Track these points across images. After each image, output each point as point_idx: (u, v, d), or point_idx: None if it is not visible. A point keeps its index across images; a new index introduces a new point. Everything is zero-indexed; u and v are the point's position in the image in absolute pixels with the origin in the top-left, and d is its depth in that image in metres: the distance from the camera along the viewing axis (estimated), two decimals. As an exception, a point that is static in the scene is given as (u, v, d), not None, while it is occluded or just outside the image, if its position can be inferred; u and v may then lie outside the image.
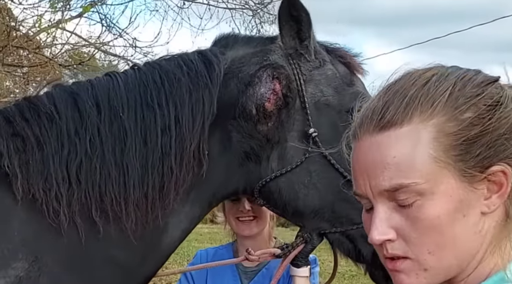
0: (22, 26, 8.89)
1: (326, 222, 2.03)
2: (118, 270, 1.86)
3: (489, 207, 1.01)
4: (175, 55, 2.05)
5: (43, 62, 9.12)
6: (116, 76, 1.95)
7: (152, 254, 1.93)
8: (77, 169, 1.80)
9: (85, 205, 1.79)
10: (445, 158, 1.00)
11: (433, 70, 1.07)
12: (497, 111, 1.01)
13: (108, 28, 8.94)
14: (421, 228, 1.00)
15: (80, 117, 1.85)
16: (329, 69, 2.10)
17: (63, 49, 9.59)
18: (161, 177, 1.85)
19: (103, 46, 9.39)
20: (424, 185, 1.00)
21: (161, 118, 1.87)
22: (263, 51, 2.06)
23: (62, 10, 8.47)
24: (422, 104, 1.02)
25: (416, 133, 1.01)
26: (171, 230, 1.94)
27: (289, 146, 1.99)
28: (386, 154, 1.02)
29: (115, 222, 1.81)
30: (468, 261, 1.03)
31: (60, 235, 1.76)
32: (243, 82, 1.99)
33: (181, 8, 9.75)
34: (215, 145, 1.96)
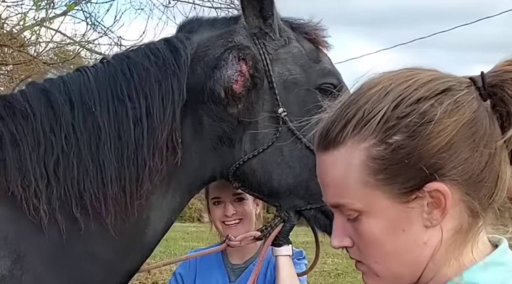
0: (6, 24, 8.81)
1: (301, 200, 2.06)
2: (101, 265, 1.87)
3: (431, 222, 1.04)
4: (142, 45, 2.05)
5: (27, 60, 9.04)
6: (86, 70, 1.96)
7: (135, 248, 1.94)
8: (55, 166, 1.81)
9: (65, 202, 1.80)
10: (374, 181, 1.03)
11: (383, 82, 1.07)
12: (427, 130, 1.01)
13: (93, 27, 8.89)
14: (364, 241, 1.07)
15: (54, 114, 1.86)
16: (295, 46, 2.11)
17: (48, 47, 9.52)
18: (136, 170, 1.86)
19: (88, 44, 9.33)
20: (358, 205, 1.05)
21: (132, 111, 1.88)
22: (227, 32, 2.06)
23: (46, 8, 8.40)
24: (356, 126, 1.05)
25: (349, 156, 1.05)
26: (153, 223, 1.95)
27: (260, 127, 2.01)
28: (327, 173, 1.09)
29: (95, 218, 1.82)
30: (420, 268, 1.06)
31: (41, 232, 1.76)
32: (210, 66, 1.99)
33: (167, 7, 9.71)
34: (188, 131, 1.97)
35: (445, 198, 1.02)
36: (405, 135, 1.02)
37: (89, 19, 8.84)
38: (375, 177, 1.03)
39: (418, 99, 1.03)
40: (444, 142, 1.01)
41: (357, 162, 1.04)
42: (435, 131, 1.01)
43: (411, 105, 1.03)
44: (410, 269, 1.07)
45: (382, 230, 1.04)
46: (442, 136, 1.01)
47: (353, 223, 1.07)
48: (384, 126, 1.03)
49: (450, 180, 1.02)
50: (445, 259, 1.06)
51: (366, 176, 1.03)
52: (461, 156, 1.02)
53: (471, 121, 1.03)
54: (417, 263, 1.06)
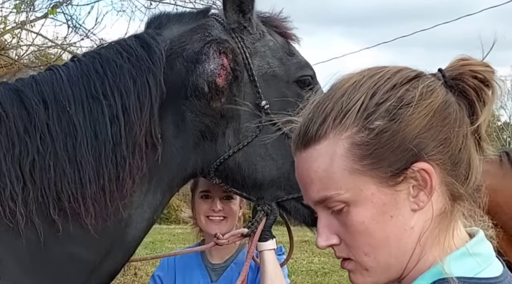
0: (-14, 27, 8.70)
1: (282, 190, 2.08)
2: (82, 267, 1.84)
3: (418, 204, 1.05)
4: (113, 42, 2.03)
5: (8, 64, 8.95)
6: (58, 69, 1.93)
7: (117, 248, 1.92)
8: (31, 168, 1.77)
9: (42, 204, 1.77)
10: (360, 167, 1.05)
11: (355, 77, 1.11)
12: (407, 112, 1.04)
13: (75, 29, 8.83)
14: (352, 232, 1.07)
15: (28, 114, 1.82)
16: (270, 40, 2.13)
17: (29, 50, 9.43)
18: (115, 168, 1.84)
19: (70, 47, 9.26)
20: (346, 195, 1.06)
21: (108, 108, 1.86)
22: (201, 26, 2.07)
23: (26, 11, 8.32)
24: (336, 118, 1.07)
25: (332, 147, 1.06)
26: (135, 222, 1.93)
27: (243, 120, 2.02)
28: (310, 169, 1.09)
29: (74, 219, 1.79)
30: (406, 256, 1.07)
31: (18, 236, 1.73)
32: (190, 61, 1.99)
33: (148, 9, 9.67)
34: (169, 128, 1.96)
35: (431, 178, 1.03)
36: (386, 119, 1.04)
37: (70, 21, 8.78)
38: (361, 163, 1.04)
39: (393, 85, 1.07)
40: (424, 123, 1.04)
41: (341, 151, 1.06)
42: (415, 112, 1.04)
43: (388, 92, 1.06)
44: (397, 260, 1.07)
45: (371, 218, 1.05)
46: (422, 116, 1.04)
47: (339, 217, 1.08)
48: (364, 113, 1.05)
49: (432, 160, 1.04)
50: (429, 244, 1.06)
51: (352, 163, 1.05)
52: (440, 136, 1.05)
53: (445, 103, 1.07)
54: (404, 251, 1.06)
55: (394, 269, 1.08)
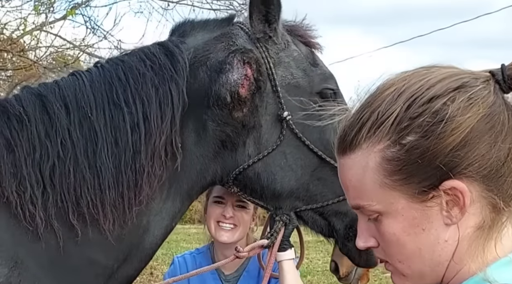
0: (5, 29, 8.83)
1: (300, 201, 2.07)
2: (100, 272, 1.86)
3: (451, 220, 1.04)
4: (137, 49, 2.03)
5: (27, 65, 9.06)
6: (81, 75, 1.94)
7: (134, 254, 1.93)
8: (51, 172, 1.79)
9: (61, 209, 1.78)
10: (390, 182, 1.05)
11: (396, 83, 1.08)
12: (440, 129, 1.01)
13: (93, 30, 8.91)
14: (385, 241, 1.08)
15: (49, 119, 1.84)
16: (295, 50, 2.12)
17: (48, 51, 9.54)
18: (134, 176, 1.84)
19: (88, 48, 9.34)
20: (377, 206, 1.06)
21: (129, 116, 1.87)
22: (226, 35, 2.06)
23: (45, 13, 8.43)
24: (371, 129, 1.06)
25: (365, 158, 1.07)
26: (153, 229, 1.94)
27: (264, 130, 2.02)
28: (346, 177, 1.11)
29: (93, 224, 1.81)
30: (441, 267, 1.07)
31: (38, 239, 1.75)
32: (214, 70, 1.98)
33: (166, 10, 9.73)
34: (190, 136, 1.97)
35: (463, 196, 1.02)
36: (418, 135, 1.02)
37: (88, 23, 8.87)
38: (391, 178, 1.04)
39: (430, 98, 1.03)
40: (459, 140, 1.01)
41: (372, 165, 1.05)
42: (448, 130, 1.01)
43: (423, 105, 1.03)
44: (432, 269, 1.07)
45: (402, 230, 1.05)
46: (456, 134, 1.01)
47: (375, 223, 1.09)
48: (397, 127, 1.04)
49: (467, 177, 1.02)
50: (468, 256, 1.05)
51: (382, 177, 1.05)
52: (477, 153, 1.02)
53: (487, 116, 1.03)
54: (438, 262, 1.06)
55: (429, 277, 1.08)
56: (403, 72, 1.11)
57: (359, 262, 2.11)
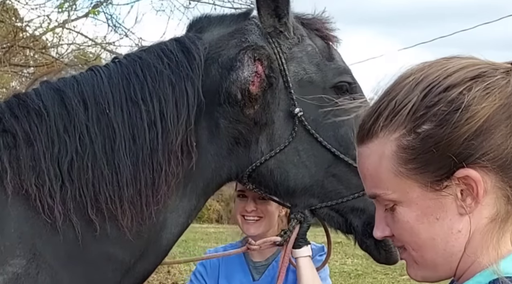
0: (28, 26, 8.94)
1: (315, 198, 2.05)
2: (118, 267, 1.87)
3: (465, 209, 1.04)
4: (154, 45, 2.02)
5: (49, 62, 9.16)
6: (99, 70, 1.94)
7: (151, 250, 1.93)
8: (69, 167, 1.80)
9: (80, 203, 1.79)
10: (405, 171, 1.05)
11: (415, 73, 1.09)
12: (455, 118, 1.01)
13: (114, 28, 8.97)
14: (401, 230, 1.09)
15: (68, 114, 1.85)
16: (309, 44, 2.08)
17: (69, 49, 9.63)
18: (152, 174, 1.85)
19: (109, 46, 9.41)
20: (393, 195, 1.07)
21: (146, 114, 1.87)
22: (239, 31, 2.04)
23: (68, 10, 8.50)
24: (387, 117, 1.07)
25: (381, 147, 1.07)
26: (170, 226, 1.94)
27: (277, 127, 1.99)
28: (363, 165, 1.12)
29: (111, 220, 1.81)
30: (454, 258, 1.06)
31: (56, 232, 1.76)
32: (225, 67, 1.97)
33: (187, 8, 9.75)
34: (203, 134, 1.96)
35: (477, 185, 1.01)
36: (433, 124, 1.02)
37: (110, 20, 8.93)
38: (406, 166, 1.05)
39: (446, 87, 1.03)
40: (474, 129, 1.01)
41: (388, 153, 1.06)
42: (463, 119, 1.01)
43: (440, 94, 1.03)
44: (445, 259, 1.07)
45: (416, 219, 1.06)
46: (471, 123, 1.01)
47: (391, 213, 1.10)
48: (413, 116, 1.04)
49: (481, 167, 1.02)
50: (482, 248, 1.05)
51: (397, 166, 1.05)
52: (492, 142, 1.01)
53: (503, 106, 1.02)
54: (451, 253, 1.06)
55: (441, 268, 1.08)
56: (423, 62, 1.11)
57: (378, 258, 2.07)
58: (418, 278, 1.12)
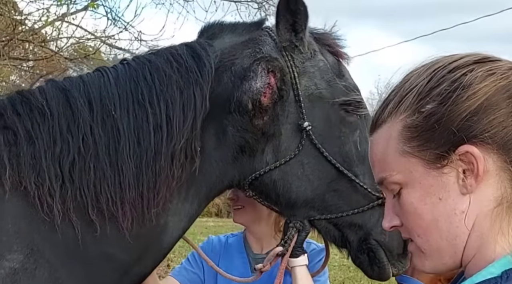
0: (27, 19, 8.91)
1: (315, 211, 2.06)
2: (117, 267, 1.87)
3: (466, 188, 1.05)
4: (164, 49, 2.02)
5: (48, 56, 9.14)
6: (106, 71, 1.93)
7: (151, 252, 1.93)
8: (70, 167, 1.79)
9: (80, 203, 1.79)
10: (409, 149, 1.08)
11: (425, 62, 1.13)
12: (457, 95, 1.04)
13: (114, 22, 8.95)
14: (405, 213, 1.11)
15: (72, 114, 1.84)
16: (321, 60, 2.09)
17: (69, 42, 9.60)
18: (154, 177, 1.84)
19: (109, 39, 9.40)
20: (397, 176, 1.10)
21: (153, 117, 1.86)
22: (253, 40, 2.04)
23: (67, 3, 8.48)
24: (395, 103, 1.11)
25: (389, 131, 1.12)
26: (171, 229, 1.94)
27: (284, 139, 2.00)
28: (373, 152, 1.16)
29: (111, 221, 1.81)
30: (459, 241, 1.06)
31: (55, 230, 1.75)
32: (238, 76, 1.97)
33: (187, 1, 9.74)
34: (210, 140, 1.96)
35: (477, 161, 1.03)
36: (436, 102, 1.06)
37: (109, 14, 8.91)
38: (410, 144, 1.08)
39: (451, 69, 1.07)
40: (475, 106, 1.03)
41: (395, 134, 1.10)
42: (464, 96, 1.04)
43: (444, 76, 1.07)
44: (449, 243, 1.07)
45: (419, 199, 1.07)
46: (472, 100, 1.04)
47: (397, 198, 1.11)
48: (418, 97, 1.08)
49: (482, 143, 1.03)
50: (489, 233, 1.05)
51: (402, 145, 1.09)
52: (493, 119, 1.03)
53: (505, 86, 1.05)
54: (456, 234, 1.06)
55: (446, 254, 1.08)
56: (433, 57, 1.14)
57: (371, 274, 2.08)
58: (425, 269, 1.12)
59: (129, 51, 9.49)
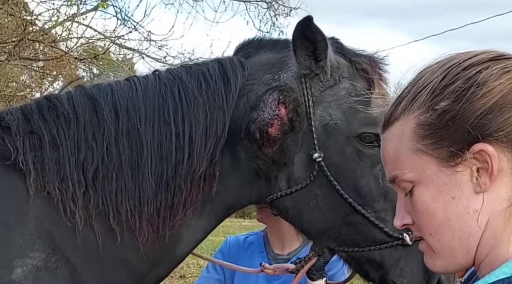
0: (38, 20, 8.96)
1: (333, 241, 2.00)
2: (132, 273, 1.89)
3: (480, 187, 1.03)
4: (196, 65, 2.01)
5: (58, 56, 9.19)
6: (135, 83, 1.93)
7: (164, 261, 1.96)
8: (93, 175, 1.81)
9: (102, 211, 1.81)
10: (422, 147, 1.07)
11: (439, 59, 1.11)
12: (472, 93, 1.03)
13: (123, 22, 8.99)
14: (417, 212, 1.09)
15: (98, 123, 1.85)
16: (343, 88, 1.99)
17: (79, 42, 9.66)
18: (172, 197, 1.85)
19: (118, 39, 9.43)
20: (410, 174, 1.08)
21: (176, 137, 1.86)
22: (280, 63, 1.99)
23: (77, 4, 8.52)
24: (408, 100, 1.09)
25: (401, 128, 1.10)
26: (185, 241, 1.95)
27: (296, 168, 1.95)
28: (385, 149, 1.14)
29: (129, 230, 1.83)
30: (471, 240, 1.05)
31: (76, 234, 1.78)
32: (249, 104, 1.94)
33: (196, 1, 9.77)
34: (226, 162, 1.95)
35: (491, 160, 1.01)
36: (450, 100, 1.05)
37: (119, 14, 8.95)
38: (423, 142, 1.06)
39: (465, 66, 1.06)
40: (489, 104, 1.02)
41: (407, 132, 1.08)
42: (479, 94, 1.03)
43: (459, 73, 1.06)
44: (462, 242, 1.05)
45: (431, 198, 1.06)
46: (487, 98, 1.02)
47: (409, 197, 1.10)
48: (432, 95, 1.06)
49: (497, 141, 1.02)
50: (503, 233, 1.04)
51: (415, 142, 1.07)
52: (508, 117, 1.02)
53: None
54: (469, 234, 1.05)
55: (459, 253, 1.07)
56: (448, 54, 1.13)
57: None
58: (436, 268, 1.12)
59: (138, 51, 9.53)
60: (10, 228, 1.73)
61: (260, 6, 10.57)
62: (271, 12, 10.62)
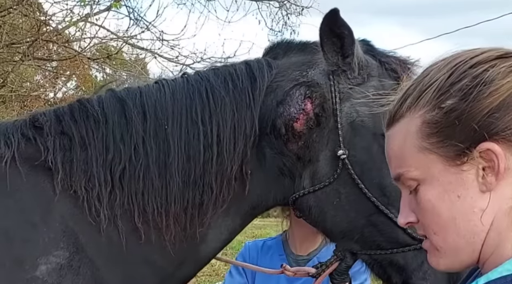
0: (51, 20, 9.03)
1: (356, 244, 1.97)
2: (157, 272, 1.91)
3: (486, 186, 1.03)
4: (224, 67, 2.03)
5: (72, 56, 9.26)
6: (164, 85, 1.96)
7: (189, 262, 1.96)
8: (121, 175, 1.84)
9: (127, 211, 1.83)
10: (428, 145, 1.06)
11: (445, 56, 1.10)
12: (479, 91, 1.02)
13: (136, 22, 9.04)
14: (422, 211, 1.08)
15: (126, 124, 1.88)
16: (372, 86, 1.98)
17: (92, 42, 9.71)
18: (200, 195, 1.86)
19: (131, 39, 9.48)
20: (415, 172, 1.07)
21: (204, 136, 1.88)
22: (309, 62, 1.99)
23: (90, 4, 8.57)
24: (414, 98, 1.08)
25: (406, 126, 1.09)
26: (210, 241, 1.95)
27: (321, 165, 1.94)
28: (389, 147, 1.13)
29: (155, 229, 1.85)
30: (477, 239, 1.05)
31: (100, 233, 1.81)
32: (276, 99, 1.95)
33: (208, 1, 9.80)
34: (252, 161, 1.95)
35: (498, 159, 1.01)
36: (457, 98, 1.04)
37: (132, 14, 9.00)
38: (429, 140, 1.06)
39: (472, 64, 1.05)
40: (496, 103, 1.02)
41: (413, 129, 1.08)
42: (486, 92, 1.02)
43: (465, 71, 1.05)
44: (467, 241, 1.05)
45: (437, 197, 1.05)
46: (494, 96, 1.02)
47: (415, 195, 1.09)
48: (438, 93, 1.06)
49: (504, 140, 1.01)
50: (507, 231, 1.03)
51: (420, 141, 1.06)
52: None
53: None
54: (474, 233, 1.04)
55: (464, 252, 1.06)
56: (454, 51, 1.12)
57: None
58: (440, 267, 1.11)
59: (151, 51, 9.57)
60: (36, 226, 1.76)
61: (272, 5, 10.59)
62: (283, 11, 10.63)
